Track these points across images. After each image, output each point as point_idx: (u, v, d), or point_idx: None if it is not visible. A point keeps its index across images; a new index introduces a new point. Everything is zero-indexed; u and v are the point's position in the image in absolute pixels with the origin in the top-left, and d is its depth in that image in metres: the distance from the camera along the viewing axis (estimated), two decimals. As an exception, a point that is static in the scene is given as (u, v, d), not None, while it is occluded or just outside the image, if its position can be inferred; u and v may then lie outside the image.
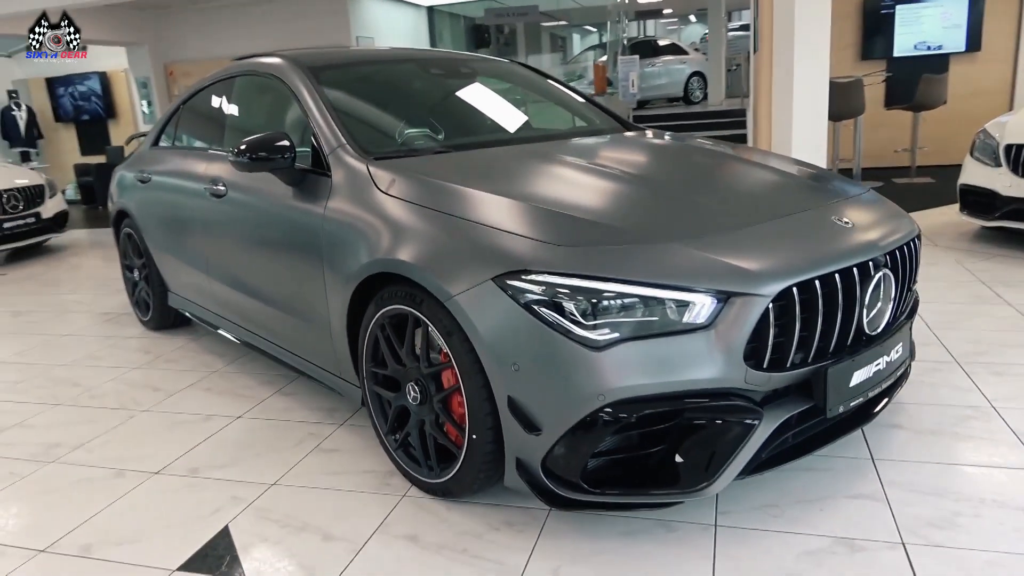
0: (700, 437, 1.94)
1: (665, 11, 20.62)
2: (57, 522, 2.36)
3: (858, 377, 2.09)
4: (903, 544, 1.96)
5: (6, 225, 6.91)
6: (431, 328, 2.13)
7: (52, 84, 12.89)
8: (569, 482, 1.93)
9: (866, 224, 2.25)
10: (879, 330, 2.18)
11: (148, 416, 3.17)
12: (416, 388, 2.27)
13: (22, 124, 12.45)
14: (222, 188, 3.20)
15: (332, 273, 2.51)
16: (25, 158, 12.55)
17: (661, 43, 16.34)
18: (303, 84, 2.93)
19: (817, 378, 2.01)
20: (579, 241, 1.98)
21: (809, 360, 2.01)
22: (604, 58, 15.32)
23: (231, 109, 3.53)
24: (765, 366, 1.93)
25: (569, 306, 1.87)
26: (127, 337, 4.36)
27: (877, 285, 2.12)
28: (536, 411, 1.93)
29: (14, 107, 12.40)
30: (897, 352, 2.25)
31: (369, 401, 2.50)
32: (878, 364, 2.15)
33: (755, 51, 6.03)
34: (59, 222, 7.57)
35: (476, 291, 1.98)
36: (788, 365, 1.97)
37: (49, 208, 7.38)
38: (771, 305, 1.89)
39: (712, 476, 1.92)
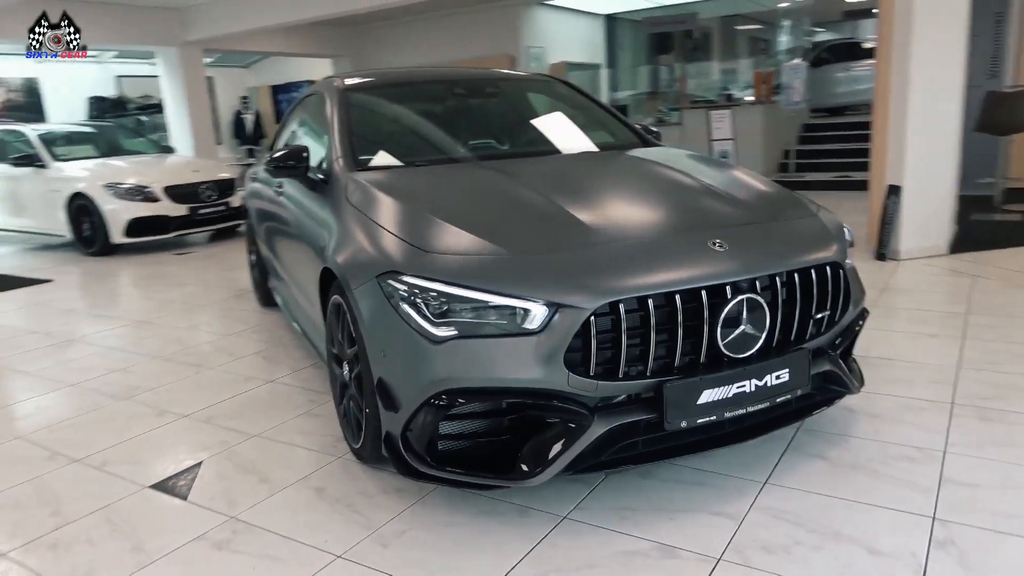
0: (531, 432, 2.15)
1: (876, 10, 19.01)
2: (98, 442, 3.08)
3: (709, 396, 2.16)
4: (718, 560, 2.02)
5: (201, 211, 8.32)
6: (348, 316, 2.52)
7: (275, 91, 14.93)
8: (419, 456, 2.22)
9: (749, 249, 2.29)
10: (747, 354, 2.21)
11: (211, 373, 3.88)
12: (348, 367, 2.67)
13: (249, 125, 14.58)
14: (281, 188, 3.82)
15: (314, 265, 2.98)
16: (251, 154, 14.67)
17: (866, 46, 15.18)
18: (333, 102, 3.44)
19: (657, 392, 2.13)
20: (444, 249, 2.26)
21: (648, 373, 2.13)
22: (797, 61, 14.58)
23: (303, 121, 4.15)
24: (593, 374, 2.09)
25: (422, 304, 2.16)
26: (241, 310, 5.22)
27: (737, 309, 2.16)
28: (396, 391, 2.25)
29: (244, 111, 14.56)
30: (778, 378, 2.26)
31: (330, 376, 2.95)
32: (742, 387, 2.19)
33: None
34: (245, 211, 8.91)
35: (366, 286, 2.34)
36: (621, 376, 2.11)
37: (237, 199, 8.73)
38: (593, 318, 2.05)
39: (537, 469, 2.12)
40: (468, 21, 11.88)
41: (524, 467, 2.13)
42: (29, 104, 11.83)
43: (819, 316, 2.38)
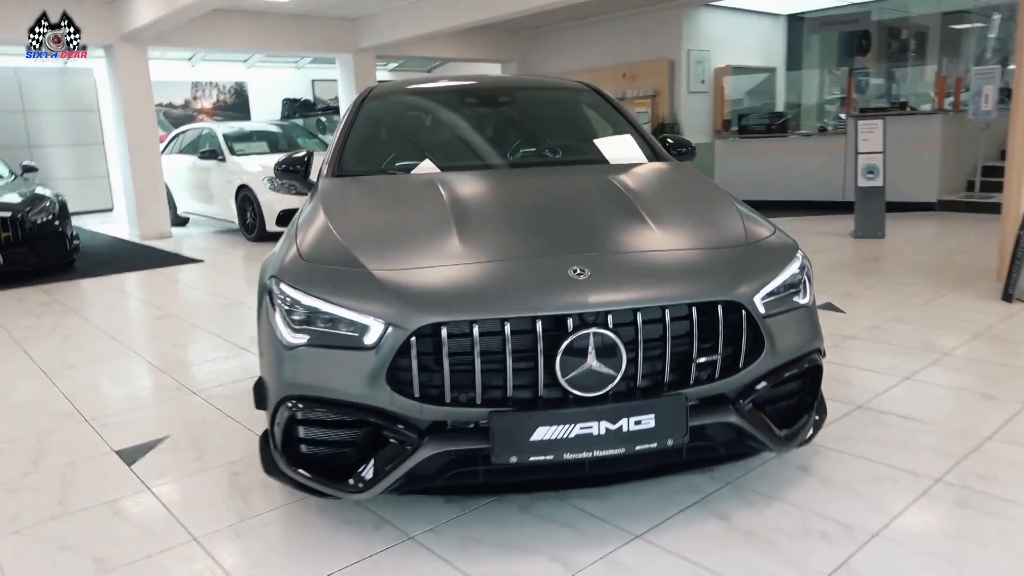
0: (366, 447, 2.15)
1: None
2: (113, 405, 3.51)
3: (545, 434, 2.01)
4: (514, 609, 1.90)
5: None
6: (267, 316, 2.66)
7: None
8: (280, 455, 2.30)
9: (611, 280, 2.10)
10: (597, 393, 2.03)
11: (250, 356, 4.24)
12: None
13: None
14: (316, 190, 4.08)
15: None
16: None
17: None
18: (350, 108, 3.63)
19: (487, 422, 2.03)
20: (320, 261, 2.32)
21: (479, 402, 2.04)
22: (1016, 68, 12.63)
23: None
24: (417, 396, 2.04)
25: (286, 310, 2.24)
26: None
27: (581, 344, 2.00)
28: (267, 391, 2.35)
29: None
30: (639, 424, 2.05)
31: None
32: (587, 428, 2.02)
33: None
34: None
35: (261, 290, 2.46)
36: (448, 401, 2.04)
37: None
38: (414, 339, 2.01)
39: (365, 484, 2.11)
40: (631, 25, 11.68)
41: (354, 480, 2.14)
42: (237, 104, 13.50)
43: (702, 360, 2.12)
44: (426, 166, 3.24)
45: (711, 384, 2.15)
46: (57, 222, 7.29)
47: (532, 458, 2.04)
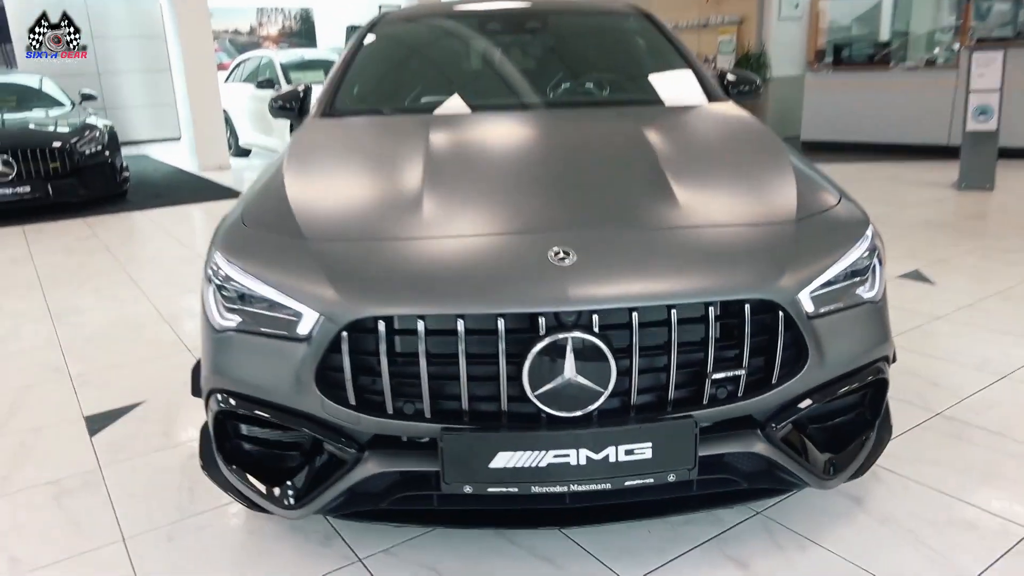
0: (301, 459, 1.79)
1: None
2: (103, 360, 3.29)
3: (508, 460, 1.59)
4: None
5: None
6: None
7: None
8: (217, 450, 1.97)
9: (602, 267, 1.62)
10: (579, 412, 1.58)
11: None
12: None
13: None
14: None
15: None
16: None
17: None
18: (355, 36, 3.18)
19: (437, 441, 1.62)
20: (258, 224, 1.93)
21: (427, 415, 1.63)
22: None
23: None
24: (352, 404, 1.64)
25: (219, 286, 1.87)
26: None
27: (557, 350, 1.54)
28: (201, 378, 2.00)
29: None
30: (631, 454, 1.59)
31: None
32: (562, 456, 1.59)
33: None
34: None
35: (209, 254, 2.10)
36: (391, 412, 1.63)
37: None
38: (346, 335, 1.60)
39: (296, 502, 1.75)
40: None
41: (280, 494, 1.78)
42: (303, 31, 13.15)
43: (721, 376, 1.63)
44: (426, 106, 2.77)
45: (733, 404, 1.66)
46: (107, 152, 7.18)
47: (491, 488, 1.62)
